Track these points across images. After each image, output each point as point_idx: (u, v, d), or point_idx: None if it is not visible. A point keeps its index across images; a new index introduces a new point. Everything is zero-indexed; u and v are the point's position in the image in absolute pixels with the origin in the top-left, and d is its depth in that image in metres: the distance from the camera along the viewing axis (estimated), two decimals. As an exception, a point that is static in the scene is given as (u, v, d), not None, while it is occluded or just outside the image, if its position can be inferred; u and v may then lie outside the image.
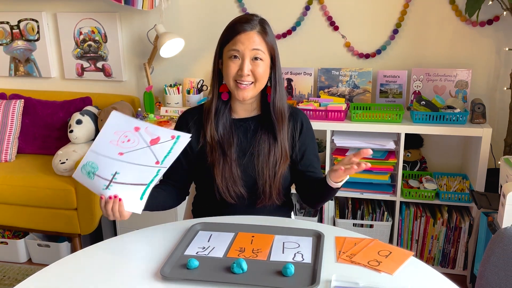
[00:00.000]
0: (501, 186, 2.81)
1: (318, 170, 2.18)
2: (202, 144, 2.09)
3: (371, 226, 3.40)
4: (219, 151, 2.05)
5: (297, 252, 1.72)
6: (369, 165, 1.75)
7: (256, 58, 1.96)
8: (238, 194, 2.06)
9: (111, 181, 1.71)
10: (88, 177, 1.73)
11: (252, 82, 1.98)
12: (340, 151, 3.35)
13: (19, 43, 4.22)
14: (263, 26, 1.99)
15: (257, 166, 2.06)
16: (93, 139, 3.67)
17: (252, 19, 1.99)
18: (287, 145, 2.09)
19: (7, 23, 4.19)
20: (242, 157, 2.08)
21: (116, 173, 1.69)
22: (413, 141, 3.52)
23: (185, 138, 1.63)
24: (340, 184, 1.90)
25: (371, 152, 1.76)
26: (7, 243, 3.66)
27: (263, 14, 2.08)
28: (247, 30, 1.95)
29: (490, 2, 3.21)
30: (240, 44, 1.95)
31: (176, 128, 2.14)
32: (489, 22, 3.41)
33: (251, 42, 1.95)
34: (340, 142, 3.31)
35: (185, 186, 2.21)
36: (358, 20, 3.62)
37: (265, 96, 2.09)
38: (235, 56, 1.96)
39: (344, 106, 3.34)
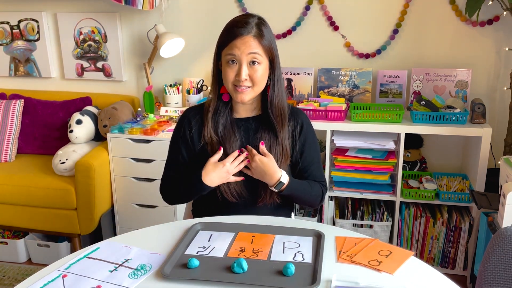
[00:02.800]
0: (501, 186, 2.81)
1: (315, 172, 2.18)
2: (203, 143, 2.09)
3: (370, 226, 3.40)
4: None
5: (298, 252, 1.72)
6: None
7: (253, 63, 1.97)
8: (239, 193, 2.08)
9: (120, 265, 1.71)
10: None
11: (250, 86, 1.99)
12: (340, 151, 3.35)
13: (19, 43, 4.22)
14: (259, 29, 1.98)
15: None
16: (93, 139, 3.69)
17: (248, 22, 1.98)
18: (288, 144, 2.10)
19: (7, 23, 4.19)
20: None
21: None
22: (413, 141, 3.52)
23: None
24: (274, 188, 2.06)
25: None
26: (7, 243, 3.66)
27: (263, 14, 2.08)
28: (243, 35, 1.95)
29: (490, 2, 3.21)
30: (236, 49, 1.95)
31: (178, 126, 2.15)
32: (489, 22, 3.41)
33: (247, 47, 1.95)
34: (340, 142, 3.31)
35: None
36: (358, 20, 3.62)
37: (266, 95, 2.10)
38: (232, 61, 1.97)
39: (344, 106, 3.34)
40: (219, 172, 2.01)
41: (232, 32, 1.97)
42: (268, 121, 2.10)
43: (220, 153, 2.04)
